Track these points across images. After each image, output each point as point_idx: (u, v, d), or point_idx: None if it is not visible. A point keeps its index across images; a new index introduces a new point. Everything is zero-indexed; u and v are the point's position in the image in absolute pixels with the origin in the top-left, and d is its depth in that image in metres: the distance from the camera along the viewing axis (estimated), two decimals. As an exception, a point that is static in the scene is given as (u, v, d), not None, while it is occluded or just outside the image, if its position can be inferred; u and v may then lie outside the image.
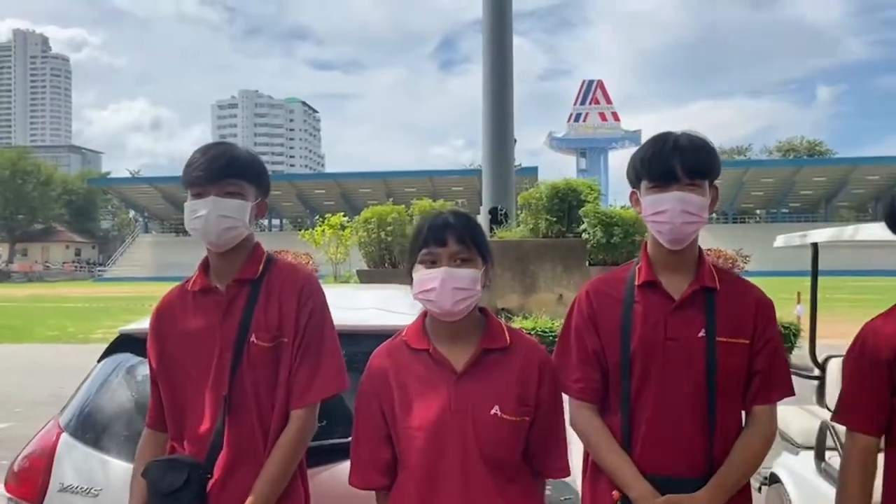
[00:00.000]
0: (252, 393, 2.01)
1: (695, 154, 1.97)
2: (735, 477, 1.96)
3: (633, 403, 2.00)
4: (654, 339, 1.99)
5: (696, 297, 2.01)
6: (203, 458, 1.98)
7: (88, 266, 76.03)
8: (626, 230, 13.21)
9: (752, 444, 1.99)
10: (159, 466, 1.98)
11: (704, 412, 1.96)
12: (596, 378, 2.06)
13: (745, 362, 2.00)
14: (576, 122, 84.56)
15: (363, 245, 14.83)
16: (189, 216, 2.03)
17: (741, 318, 2.01)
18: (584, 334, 2.08)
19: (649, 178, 2.00)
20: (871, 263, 46.12)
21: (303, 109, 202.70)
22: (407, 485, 1.90)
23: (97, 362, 2.85)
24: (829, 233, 4.11)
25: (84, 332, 19.19)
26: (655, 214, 1.98)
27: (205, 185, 2.00)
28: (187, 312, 2.08)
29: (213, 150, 2.06)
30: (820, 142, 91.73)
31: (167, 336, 2.10)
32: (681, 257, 2.04)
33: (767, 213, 73.97)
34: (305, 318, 2.05)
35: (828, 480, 3.55)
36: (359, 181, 70.08)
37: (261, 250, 2.14)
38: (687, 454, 1.96)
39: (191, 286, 2.11)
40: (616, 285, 2.10)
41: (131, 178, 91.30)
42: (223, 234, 2.01)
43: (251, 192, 2.08)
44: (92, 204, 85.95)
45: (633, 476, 1.95)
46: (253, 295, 2.05)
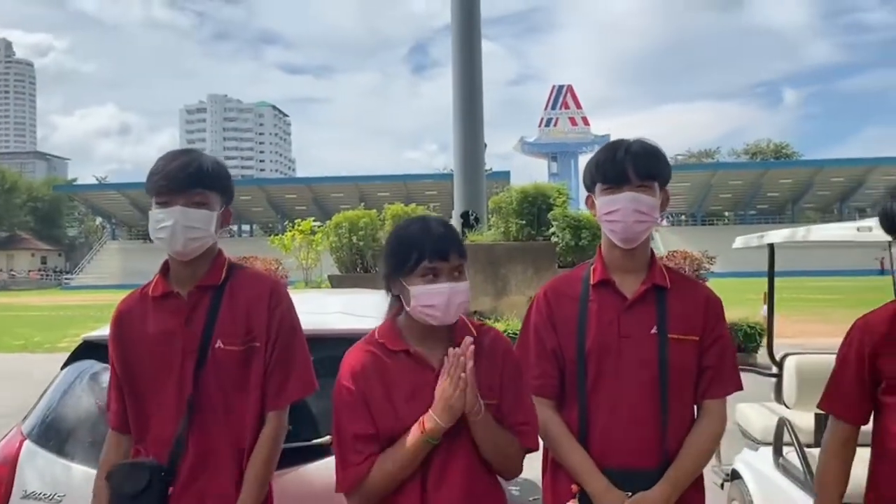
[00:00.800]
0: (217, 397, 2.03)
1: (645, 158, 2.08)
2: (688, 470, 2.05)
3: (590, 399, 2.08)
4: (609, 336, 2.08)
5: (648, 295, 2.11)
6: (165, 461, 1.99)
7: (55, 274, 74.74)
8: (594, 233, 13.33)
9: (703, 438, 2.08)
10: (122, 470, 2.00)
11: (657, 406, 2.05)
12: (554, 374, 2.14)
13: (695, 358, 2.09)
14: (546, 126, 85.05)
15: (334, 250, 14.80)
16: (154, 225, 2.02)
17: (691, 316, 2.11)
18: (542, 332, 2.16)
19: (603, 181, 2.11)
20: (836, 263, 46.97)
21: (273, 113, 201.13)
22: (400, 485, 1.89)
23: (60, 369, 2.83)
24: (784, 234, 4.23)
25: (50, 341, 18.86)
26: (608, 214, 2.08)
27: (171, 195, 2.00)
28: (148, 317, 2.09)
29: (179, 158, 2.05)
30: (786, 144, 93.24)
31: (128, 340, 2.10)
32: (633, 257, 2.14)
33: (735, 214, 75.01)
34: (276, 323, 2.09)
35: (785, 475, 3.64)
36: (331, 186, 69.75)
37: (223, 257, 2.16)
38: (642, 447, 2.04)
39: (151, 291, 2.11)
40: (572, 285, 2.20)
41: (98, 184, 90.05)
42: (189, 244, 2.01)
43: (217, 201, 2.09)
44: (58, 211, 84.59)
45: (590, 470, 2.03)
46: (216, 300, 2.07)
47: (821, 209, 73.71)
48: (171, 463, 1.99)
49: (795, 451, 3.44)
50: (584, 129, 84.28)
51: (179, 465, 1.99)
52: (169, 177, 2.00)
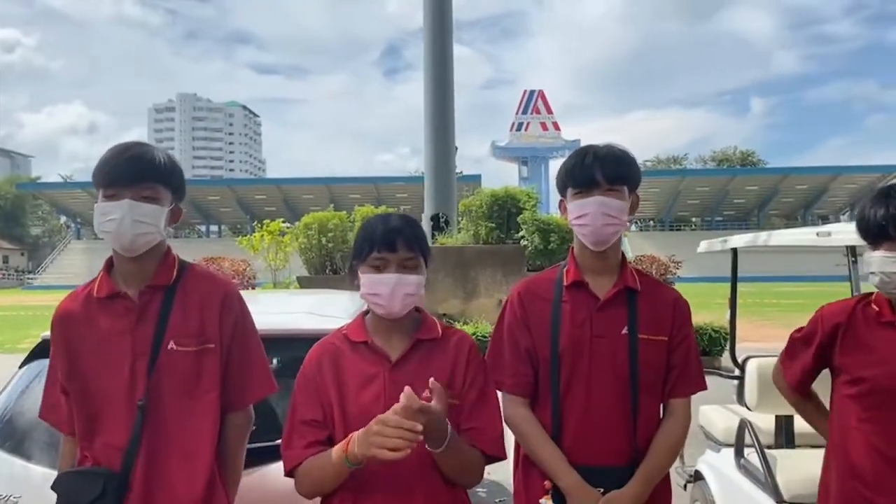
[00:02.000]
0: (170, 400, 1.97)
1: (614, 162, 2.13)
2: (657, 468, 2.12)
3: (563, 397, 2.13)
4: (582, 336, 2.13)
5: (620, 297, 2.16)
6: (118, 467, 1.92)
7: (17, 273, 73.22)
8: (563, 237, 13.45)
9: (670, 436, 2.15)
10: (71, 478, 1.93)
11: (628, 404, 2.11)
12: (527, 373, 2.18)
13: (663, 358, 2.16)
14: (518, 131, 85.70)
15: (304, 251, 14.72)
16: (101, 218, 1.95)
17: (660, 317, 2.17)
18: (516, 333, 2.20)
19: (573, 185, 2.15)
20: (801, 269, 47.82)
21: (243, 114, 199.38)
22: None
23: (18, 368, 2.79)
24: (747, 238, 4.31)
25: (11, 341, 18.53)
26: (579, 218, 2.12)
27: (119, 188, 1.93)
28: (92, 319, 2.00)
29: (130, 150, 1.98)
30: (752, 152, 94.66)
31: (72, 342, 2.01)
32: (605, 260, 2.19)
33: (703, 220, 76.07)
34: (231, 325, 2.06)
35: (746, 475, 3.70)
36: (302, 187, 69.34)
37: (172, 255, 2.09)
38: (613, 444, 2.10)
39: (96, 292, 2.02)
40: (545, 286, 2.24)
41: (63, 182, 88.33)
42: (136, 239, 1.95)
43: (167, 196, 2.02)
44: (21, 209, 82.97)
45: (563, 467, 2.07)
46: (167, 301, 2.01)
47: (785, 216, 75.08)
48: (124, 470, 1.92)
49: (756, 452, 3.49)
50: (555, 133, 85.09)
51: (133, 471, 1.92)
52: (119, 169, 1.93)
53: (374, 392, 1.91)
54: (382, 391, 1.91)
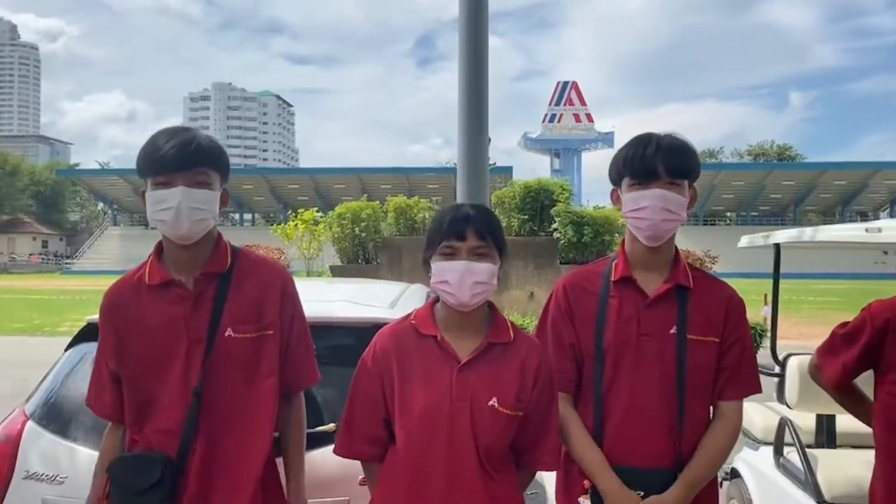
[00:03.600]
0: (224, 386, 1.95)
1: (676, 154, 2.03)
2: (703, 473, 2.03)
3: (605, 395, 2.05)
4: (628, 333, 2.05)
5: (670, 294, 2.07)
6: (174, 453, 1.91)
7: (56, 258, 74.73)
8: (596, 230, 13.34)
9: (718, 441, 2.06)
10: (128, 462, 1.93)
11: (673, 406, 2.02)
12: (571, 369, 2.11)
13: (713, 360, 2.06)
14: (550, 122, 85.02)
15: (337, 240, 14.79)
16: (154, 207, 1.91)
17: (712, 317, 2.07)
18: (560, 326, 2.14)
19: (631, 176, 2.05)
20: (836, 266, 46.93)
21: (277, 103, 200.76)
22: (398, 465, 1.93)
23: (64, 351, 2.83)
24: (791, 234, 4.21)
25: (51, 324, 18.89)
26: (636, 211, 2.03)
27: (171, 174, 1.89)
28: (144, 306, 1.97)
29: (177, 135, 1.92)
30: (790, 146, 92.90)
31: (122, 330, 1.99)
32: (657, 255, 2.10)
33: (737, 215, 74.92)
34: (290, 311, 2.06)
35: (785, 474, 3.64)
36: (333, 177, 69.68)
37: (224, 241, 2.07)
38: (655, 446, 2.02)
39: (148, 279, 1.99)
40: (592, 280, 2.16)
41: (100, 169, 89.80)
42: (194, 226, 1.91)
43: (217, 180, 1.98)
44: (60, 195, 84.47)
45: (603, 469, 2.00)
46: (222, 288, 1.98)
47: (822, 212, 73.64)
48: (179, 456, 1.91)
49: (797, 451, 3.44)
50: (588, 125, 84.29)
51: (189, 457, 1.91)
52: (169, 155, 1.88)
53: (440, 391, 1.90)
54: (449, 392, 1.89)
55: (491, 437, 1.89)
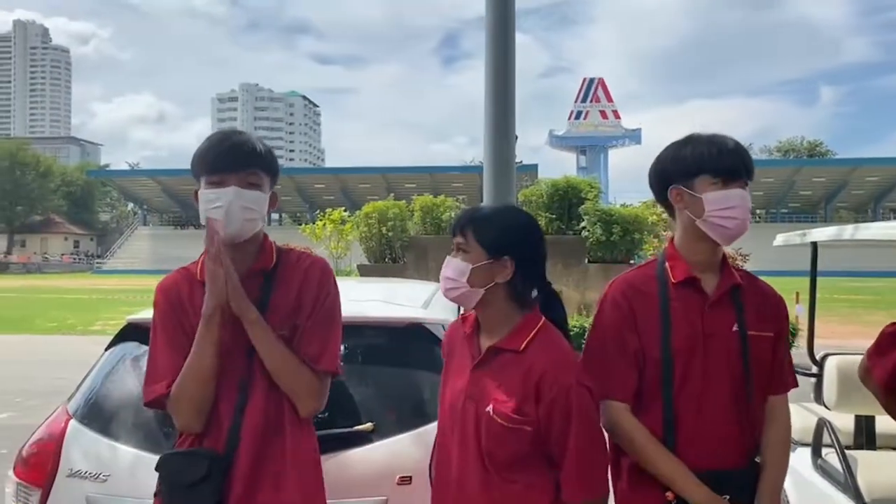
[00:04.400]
0: (264, 381, 1.98)
1: (748, 156, 2.05)
2: (782, 475, 2.06)
3: (676, 399, 2.00)
4: (694, 335, 2.01)
5: (727, 293, 2.06)
6: (221, 447, 1.94)
7: (87, 258, 75.94)
8: (625, 228, 13.27)
9: (782, 438, 2.09)
10: (176, 459, 1.96)
11: (743, 404, 2.01)
12: (633, 376, 2.03)
13: (771, 354, 2.08)
14: (576, 119, 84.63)
15: (364, 240, 14.86)
16: (206, 206, 1.96)
17: (765, 312, 2.09)
18: (625, 333, 2.04)
19: (716, 173, 2.00)
20: (869, 265, 46.14)
21: (303, 103, 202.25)
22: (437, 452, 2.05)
23: (105, 350, 2.87)
24: (830, 232, 4.12)
25: (83, 323, 19.20)
26: (725, 209, 1.98)
27: (224, 174, 1.95)
28: (194, 299, 2.02)
29: (232, 137, 2.01)
30: (820, 142, 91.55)
31: (175, 319, 2.04)
32: (715, 256, 2.09)
33: (767, 213, 73.91)
34: (323, 298, 2.07)
35: (823, 476, 3.58)
36: (359, 176, 69.96)
37: (269, 241, 2.13)
38: (728, 447, 2.00)
39: (199, 275, 2.04)
40: (647, 283, 2.09)
41: (130, 170, 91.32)
42: (244, 225, 1.97)
43: (267, 183, 2.05)
44: (91, 196, 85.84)
45: (689, 479, 1.93)
46: (267, 285, 2.04)
47: (854, 209, 72.41)
48: (228, 450, 1.94)
49: (836, 452, 3.38)
50: (615, 122, 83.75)
51: (237, 451, 1.94)
52: (223, 156, 1.96)
53: (460, 386, 1.94)
54: (465, 388, 1.93)
55: (489, 442, 1.85)
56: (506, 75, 15.64)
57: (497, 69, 15.39)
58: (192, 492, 1.89)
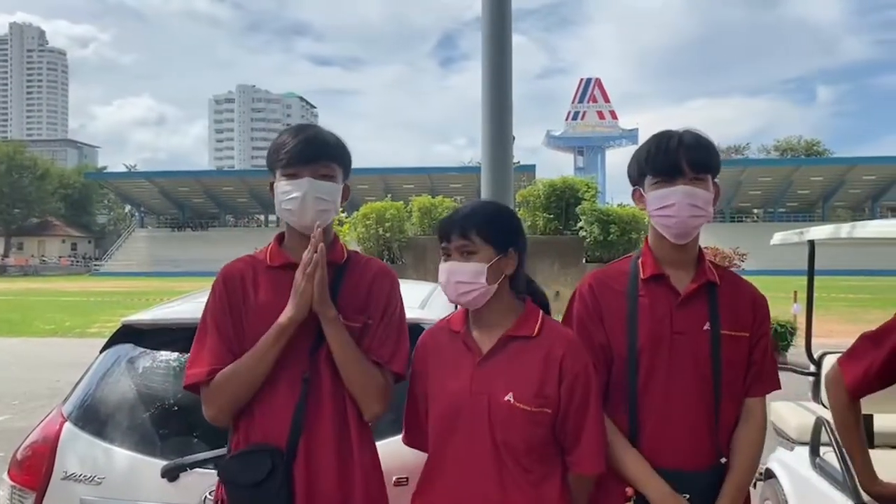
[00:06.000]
0: (328, 373, 1.97)
1: (699, 149, 2.01)
2: (747, 478, 2.02)
3: (640, 396, 2.01)
4: (662, 332, 2.01)
5: (700, 291, 2.04)
6: (283, 441, 1.92)
7: (84, 260, 75.80)
8: (623, 228, 13.27)
9: (752, 443, 2.04)
10: (236, 461, 1.93)
11: (710, 404, 1.99)
12: (601, 371, 2.05)
13: (745, 355, 2.04)
14: (574, 120, 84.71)
15: (362, 241, 14.83)
16: (281, 197, 2.01)
17: (741, 312, 2.06)
18: (589, 327, 2.08)
19: (654, 173, 2.03)
20: (867, 263, 46.20)
21: (300, 105, 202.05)
22: (429, 459, 2.01)
23: (99, 353, 2.86)
24: (827, 230, 4.13)
25: (81, 326, 19.17)
26: (662, 209, 2.00)
27: (299, 166, 1.99)
28: (260, 286, 2.03)
29: (306, 131, 2.06)
30: (818, 141, 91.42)
31: (235, 305, 2.01)
32: (684, 253, 2.07)
33: (765, 212, 73.97)
34: (394, 305, 2.10)
35: (822, 475, 3.58)
36: (357, 177, 68.29)
37: (339, 239, 2.16)
38: (695, 446, 1.99)
39: (269, 260, 2.06)
40: (618, 278, 2.12)
41: (128, 172, 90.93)
42: (318, 216, 1.99)
43: (340, 175, 2.09)
44: (88, 198, 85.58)
45: (649, 475, 1.96)
46: (338, 278, 2.04)
47: (852, 208, 72.44)
48: (290, 445, 1.92)
49: (834, 451, 3.37)
50: (612, 122, 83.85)
51: (299, 446, 1.93)
52: (297, 149, 2.00)
53: (461, 385, 1.94)
54: (469, 385, 1.93)
55: (508, 432, 1.89)
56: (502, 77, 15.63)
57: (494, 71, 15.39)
58: (259, 491, 1.87)
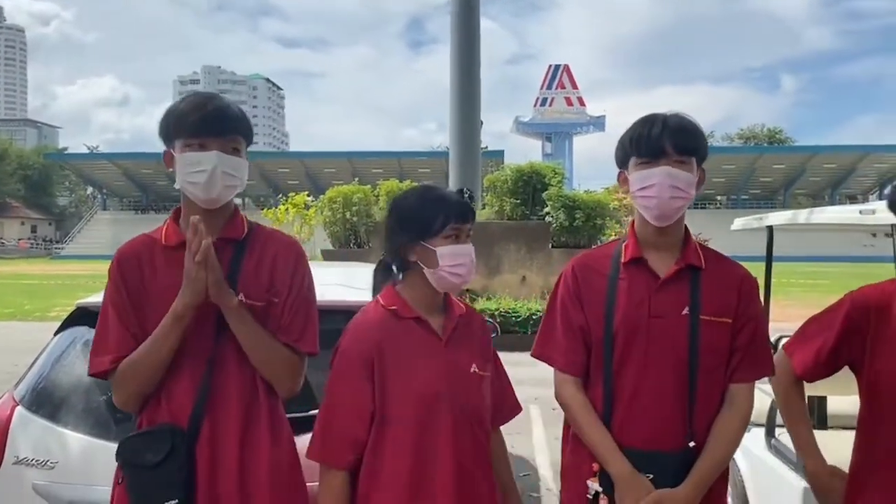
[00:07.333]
0: (231, 352, 1.93)
1: (683, 132, 2.01)
2: (715, 466, 1.99)
3: (615, 378, 2.03)
4: (638, 315, 2.02)
5: (682, 275, 2.04)
6: (185, 423, 1.88)
7: (45, 243, 74.32)
8: (588, 214, 13.38)
9: (729, 428, 2.01)
10: (135, 442, 1.88)
11: (685, 388, 1.99)
12: (580, 352, 2.08)
13: (727, 341, 2.03)
14: (542, 106, 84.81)
15: (328, 225, 14.77)
16: (188, 169, 1.89)
17: (725, 297, 2.04)
18: (569, 309, 2.11)
19: (638, 155, 2.02)
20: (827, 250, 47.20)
21: (266, 86, 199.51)
22: (403, 446, 1.91)
23: (53, 335, 2.81)
24: (785, 216, 4.19)
25: (40, 309, 18.81)
26: (643, 189, 2.00)
27: (207, 138, 1.89)
28: (157, 267, 1.95)
29: (213, 101, 1.93)
30: (780, 130, 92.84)
31: (135, 289, 1.94)
32: (667, 235, 2.07)
33: (728, 199, 75.05)
34: (300, 280, 2.06)
35: (777, 456, 3.65)
36: (324, 161, 69.37)
37: (239, 211, 2.08)
38: (666, 429, 1.99)
39: (164, 240, 1.97)
40: (602, 261, 2.13)
41: (89, 153, 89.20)
42: (225, 191, 1.93)
43: (244, 148, 2.00)
44: (48, 179, 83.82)
45: (613, 453, 1.98)
46: (238, 254, 1.98)
47: (812, 195, 73.88)
48: (192, 425, 1.88)
49: (788, 432, 3.44)
50: (580, 109, 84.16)
51: (201, 425, 1.88)
52: (208, 119, 1.89)
53: (435, 370, 1.94)
54: (443, 368, 1.95)
55: (477, 401, 2.00)
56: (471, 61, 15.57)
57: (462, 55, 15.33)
58: (157, 472, 1.83)
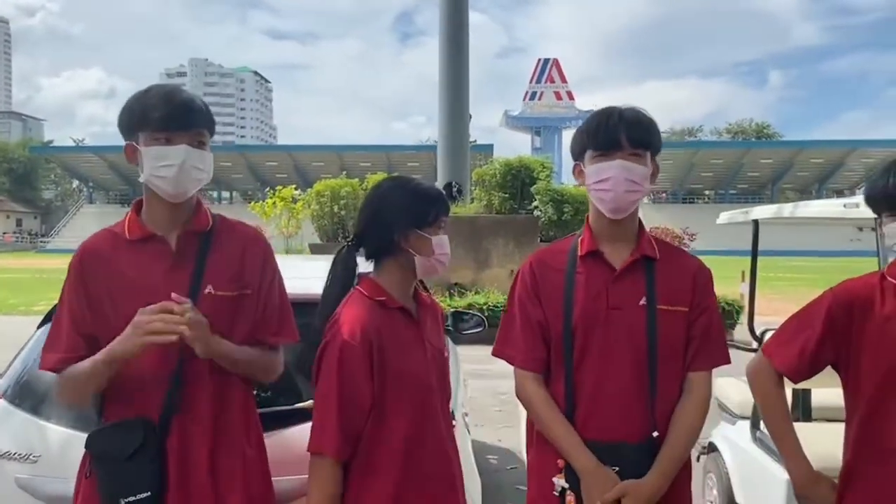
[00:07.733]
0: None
1: (638, 125, 2.02)
2: (679, 454, 2.01)
3: (576, 372, 2.03)
4: (597, 308, 2.03)
5: (637, 266, 2.06)
6: (156, 415, 1.87)
7: (30, 237, 73.73)
8: (577, 208, 13.41)
9: (689, 417, 2.03)
10: (105, 433, 1.87)
11: (646, 379, 2.00)
12: (540, 348, 2.09)
13: (684, 329, 2.05)
14: (531, 100, 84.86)
15: (316, 218, 14.73)
16: (155, 163, 1.87)
17: (680, 287, 2.06)
18: (527, 305, 2.11)
19: (594, 148, 2.03)
20: (813, 244, 47.50)
21: (255, 79, 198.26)
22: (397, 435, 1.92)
23: (37, 329, 2.79)
24: (771, 209, 4.23)
25: (26, 304, 18.64)
26: (599, 182, 2.02)
27: (174, 132, 1.88)
28: (121, 261, 1.93)
29: (178, 94, 1.92)
30: (768, 124, 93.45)
31: (98, 285, 1.92)
32: (622, 228, 2.09)
33: (716, 193, 75.38)
34: (270, 272, 2.08)
35: (762, 448, 3.69)
36: (312, 154, 69.15)
37: (202, 202, 2.07)
38: (629, 420, 2.00)
39: (128, 234, 1.96)
40: (558, 257, 2.15)
41: (75, 146, 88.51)
42: (192, 185, 1.93)
43: (208, 142, 2.00)
44: (34, 173, 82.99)
45: (577, 447, 1.98)
46: (204, 246, 1.98)
47: (800, 190, 74.29)
48: (163, 418, 1.87)
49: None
50: (569, 103, 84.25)
51: (172, 418, 1.88)
52: (174, 114, 1.87)
53: (423, 358, 2.02)
54: (428, 353, 2.04)
55: (448, 383, 2.14)
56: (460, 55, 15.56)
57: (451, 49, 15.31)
58: (129, 464, 1.81)
